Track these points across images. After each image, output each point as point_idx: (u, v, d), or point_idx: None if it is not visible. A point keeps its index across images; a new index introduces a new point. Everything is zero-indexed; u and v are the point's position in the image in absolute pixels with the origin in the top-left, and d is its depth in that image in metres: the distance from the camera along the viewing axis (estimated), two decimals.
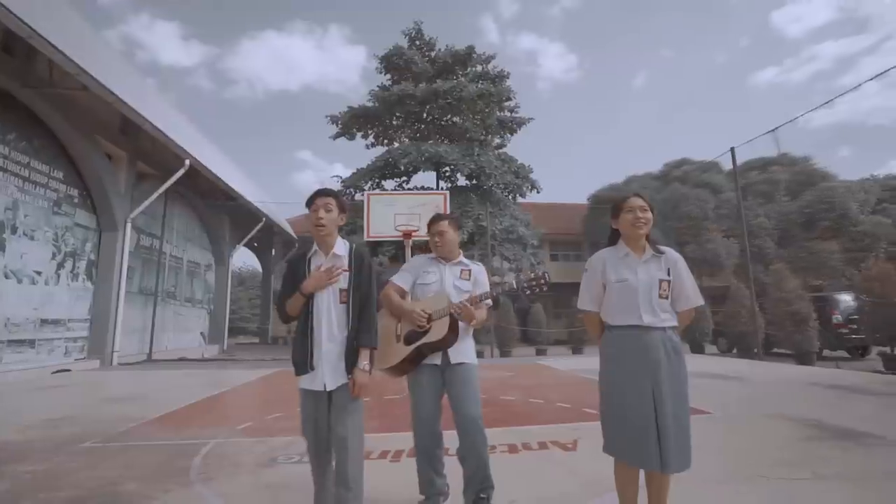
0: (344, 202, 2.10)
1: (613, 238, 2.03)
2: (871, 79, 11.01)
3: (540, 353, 14.14)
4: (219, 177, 12.80)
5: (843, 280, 16.28)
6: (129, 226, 10.65)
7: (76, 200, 9.62)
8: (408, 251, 8.74)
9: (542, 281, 2.24)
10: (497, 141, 19.66)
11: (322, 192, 2.02)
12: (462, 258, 2.43)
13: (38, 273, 8.55)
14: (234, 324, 23.48)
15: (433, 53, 19.11)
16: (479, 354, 9.06)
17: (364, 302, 2.00)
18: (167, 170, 11.64)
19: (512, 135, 19.76)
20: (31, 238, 8.39)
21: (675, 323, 1.88)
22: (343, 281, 2.00)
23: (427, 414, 2.16)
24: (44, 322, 8.69)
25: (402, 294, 2.32)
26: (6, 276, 7.93)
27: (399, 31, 21.62)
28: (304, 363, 1.93)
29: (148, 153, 11.59)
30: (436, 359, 2.17)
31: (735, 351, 11.50)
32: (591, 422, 4.02)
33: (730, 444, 3.40)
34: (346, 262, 2.03)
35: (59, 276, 9.04)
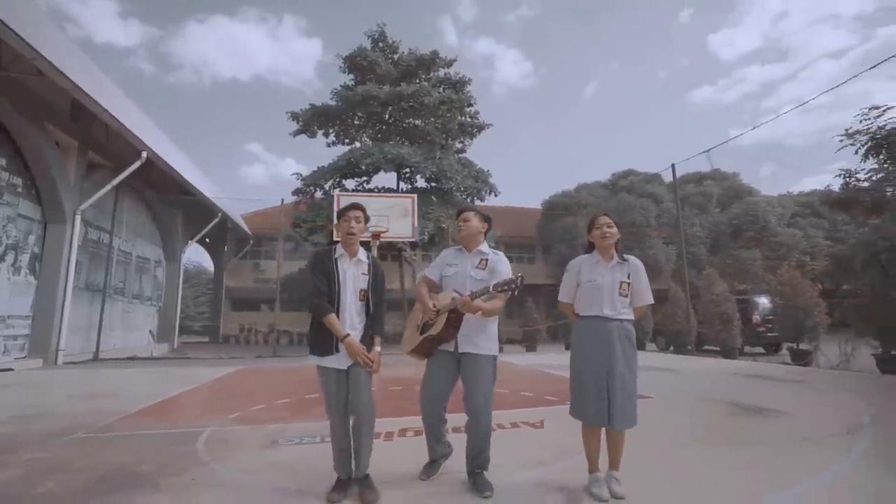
0: (368, 215, 2.45)
1: (589, 248, 2.54)
2: (794, 108, 12.56)
3: (503, 352, 14.80)
4: (176, 170, 12.40)
5: (764, 284, 18.22)
6: (78, 218, 10.13)
7: (20, 190, 9.08)
8: (374, 251, 9.02)
9: (515, 285, 2.36)
10: (458, 146, 20.20)
11: (355, 206, 2.39)
12: (482, 248, 2.60)
13: None
14: (179, 322, 22.44)
15: (396, 56, 19.37)
16: None
17: (377, 301, 2.43)
18: (119, 161, 11.17)
19: (472, 139, 20.39)
20: None
21: (630, 316, 2.43)
22: (363, 283, 2.37)
23: (433, 392, 2.52)
24: None
25: (432, 285, 2.59)
26: None
27: (357, 26, 21.86)
28: (330, 347, 2.27)
29: (100, 143, 11.07)
30: (449, 346, 2.50)
31: (672, 348, 12.69)
32: (552, 406, 4.57)
33: (669, 421, 4.05)
34: (366, 267, 2.41)
35: None
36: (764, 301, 11.32)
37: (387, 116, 18.60)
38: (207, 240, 20.53)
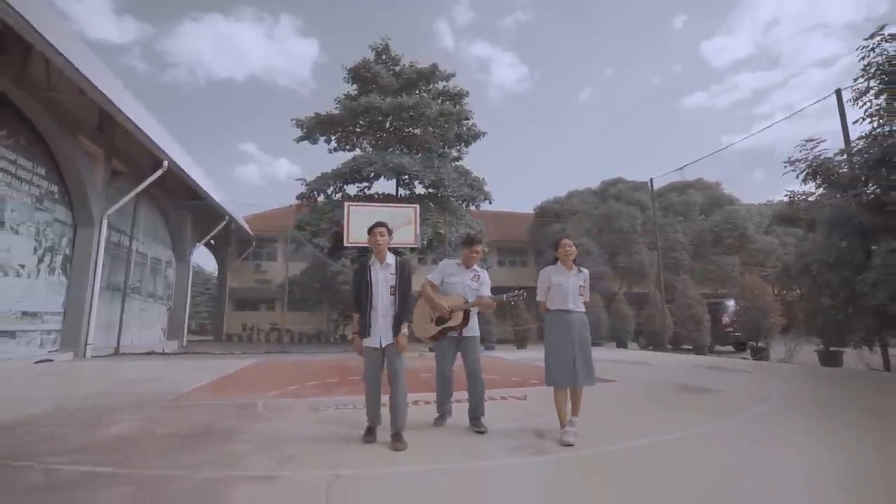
0: (391, 229, 3.41)
1: (554, 260, 3.53)
2: (785, 118, 13.74)
3: (488, 348, 15.77)
4: (190, 177, 13.25)
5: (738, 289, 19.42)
6: (105, 222, 10.97)
7: (56, 196, 9.92)
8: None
9: (519, 297, 3.54)
10: (455, 154, 21.16)
11: (380, 224, 3.34)
12: (475, 266, 3.74)
13: (22, 266, 8.86)
14: (182, 322, 23.16)
15: (398, 68, 20.35)
16: (431, 349, 10.39)
17: (404, 294, 3.32)
18: (140, 168, 12.02)
19: (468, 146, 21.38)
20: (17, 232, 8.71)
21: (583, 309, 3.41)
22: (392, 281, 3.30)
23: (444, 366, 3.60)
24: (24, 314, 8.99)
25: (434, 287, 3.63)
26: None
27: (354, 27, 22.90)
28: (366, 330, 3.21)
29: (123, 151, 11.91)
30: (454, 333, 3.56)
31: (651, 347, 13.76)
32: (535, 387, 5.54)
33: (626, 396, 5.04)
34: (393, 268, 3.32)
35: (38, 270, 9.35)
36: (732, 304, 12.42)
37: (387, 125, 19.55)
38: (213, 242, 21.32)
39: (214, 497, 2.10)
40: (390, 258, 3.36)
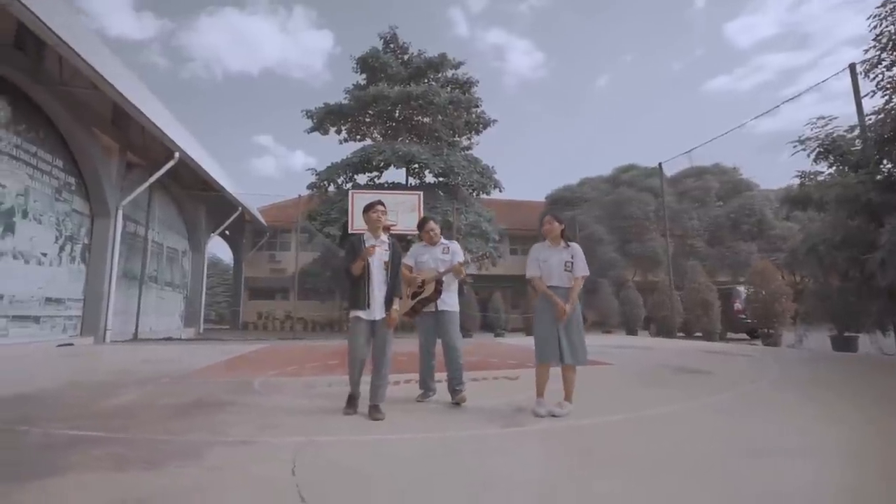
0: (386, 208, 3.47)
1: (542, 238, 3.55)
2: (805, 91, 13.30)
3: (498, 335, 15.84)
4: (202, 168, 13.56)
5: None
6: (120, 213, 11.35)
7: (73, 188, 10.29)
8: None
9: (489, 257, 3.70)
10: (465, 143, 21.07)
11: (379, 202, 3.43)
12: (443, 240, 3.83)
13: (44, 255, 9.27)
14: (198, 310, 23.84)
15: (406, 56, 20.29)
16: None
17: (395, 270, 3.41)
18: (153, 160, 12.34)
19: (478, 135, 21.25)
20: (39, 222, 9.10)
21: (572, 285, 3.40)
22: (385, 257, 3.38)
23: (425, 342, 3.69)
24: (48, 300, 9.41)
25: (409, 269, 3.74)
26: (14, 257, 8.63)
27: (368, 18, 22.79)
28: (363, 302, 3.27)
29: (137, 144, 12.25)
30: (431, 308, 3.63)
31: (660, 335, 13.63)
32: (531, 369, 5.59)
33: (617, 379, 5.06)
34: (387, 245, 3.40)
35: (60, 259, 9.76)
36: (744, 290, 12.17)
37: (397, 114, 19.57)
38: (228, 232, 21.80)
39: (192, 458, 2.23)
40: (385, 236, 3.45)
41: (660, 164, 11.93)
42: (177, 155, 11.93)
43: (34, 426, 2.83)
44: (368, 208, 3.45)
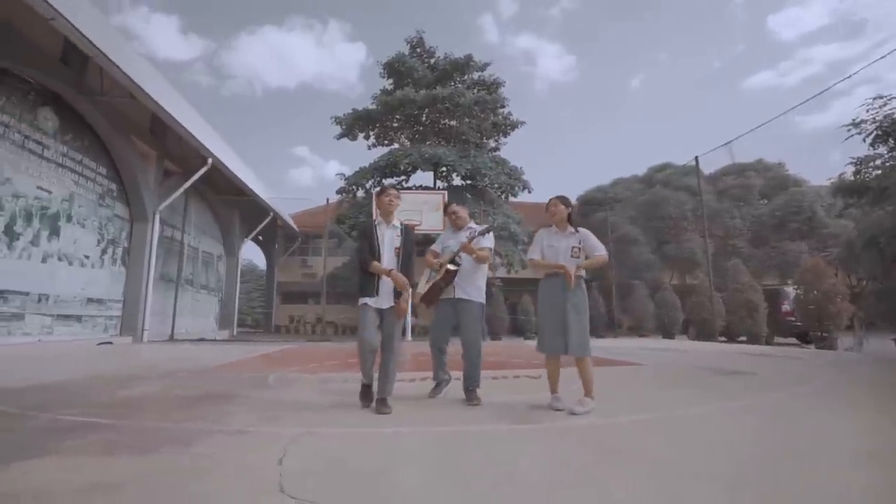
0: (399, 193, 3.34)
1: (548, 223, 3.33)
2: (860, 70, 12.33)
3: (528, 339, 15.44)
4: (234, 173, 13.98)
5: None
6: (157, 217, 11.81)
7: (115, 194, 10.79)
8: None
9: (489, 230, 3.39)
10: (492, 144, 20.86)
11: (391, 187, 3.31)
12: (471, 224, 3.55)
13: (87, 257, 9.73)
14: (232, 312, 24.56)
15: (433, 60, 20.34)
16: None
17: (406, 257, 3.25)
18: (189, 167, 12.80)
19: (505, 137, 20.98)
20: (83, 226, 9.57)
21: (582, 273, 3.15)
22: (397, 242, 3.23)
23: (437, 330, 3.45)
24: (89, 301, 9.86)
25: (435, 255, 3.51)
26: (59, 259, 9.09)
27: (400, 29, 22.90)
28: (372, 289, 3.13)
29: (173, 151, 12.75)
30: (449, 294, 3.37)
31: (699, 339, 12.87)
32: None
33: (649, 379, 4.71)
34: (399, 231, 3.25)
35: (102, 261, 10.22)
36: (793, 290, 11.31)
37: (423, 118, 19.61)
38: (261, 237, 22.41)
39: (183, 445, 2.15)
40: (397, 221, 3.31)
41: (696, 157, 11.32)
42: (210, 161, 12.34)
43: (45, 412, 2.85)
44: (380, 193, 3.33)
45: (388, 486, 1.67)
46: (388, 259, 3.17)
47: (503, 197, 19.58)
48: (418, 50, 20.32)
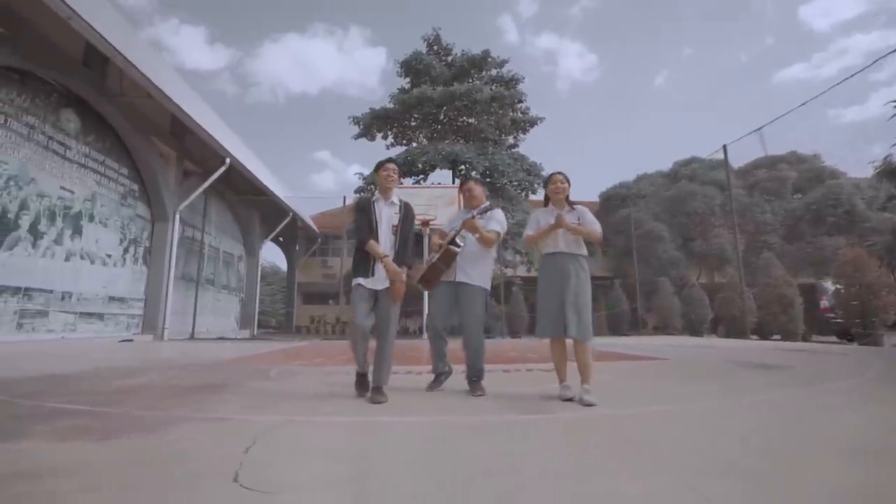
0: (399, 168, 3.15)
1: (546, 202, 3.09)
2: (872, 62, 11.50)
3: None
4: (253, 174, 14.11)
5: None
6: (177, 217, 11.99)
7: (137, 194, 11.01)
8: (425, 238, 9.83)
9: (488, 209, 3.15)
10: (511, 141, 20.53)
11: (390, 160, 3.14)
12: (485, 203, 3.27)
13: (109, 256, 9.92)
14: (253, 312, 24.89)
15: (450, 58, 20.18)
16: (489, 336, 10.01)
17: (405, 236, 3.04)
18: (209, 168, 12.98)
19: (524, 134, 20.61)
20: (105, 226, 9.77)
21: (583, 252, 2.91)
22: (395, 220, 3.03)
23: (437, 314, 3.19)
24: (111, 299, 10.06)
25: (442, 236, 3.26)
26: (81, 258, 9.29)
27: (419, 32, 22.72)
28: (367, 271, 2.94)
29: (193, 152, 12.95)
30: (450, 276, 3.13)
31: (729, 337, 12.24)
32: (572, 363, 5.02)
33: (671, 372, 4.37)
34: (397, 208, 3.05)
35: (124, 260, 10.42)
36: (832, 285, 10.60)
37: (441, 116, 19.43)
38: (281, 238, 22.68)
39: (153, 431, 2.00)
40: (395, 197, 3.11)
41: (724, 146, 10.76)
42: (227, 161, 12.46)
43: (31, 399, 2.76)
44: (379, 167, 3.14)
45: (362, 477, 1.46)
46: (384, 236, 2.97)
47: (522, 195, 19.22)
48: (435, 47, 20.20)
